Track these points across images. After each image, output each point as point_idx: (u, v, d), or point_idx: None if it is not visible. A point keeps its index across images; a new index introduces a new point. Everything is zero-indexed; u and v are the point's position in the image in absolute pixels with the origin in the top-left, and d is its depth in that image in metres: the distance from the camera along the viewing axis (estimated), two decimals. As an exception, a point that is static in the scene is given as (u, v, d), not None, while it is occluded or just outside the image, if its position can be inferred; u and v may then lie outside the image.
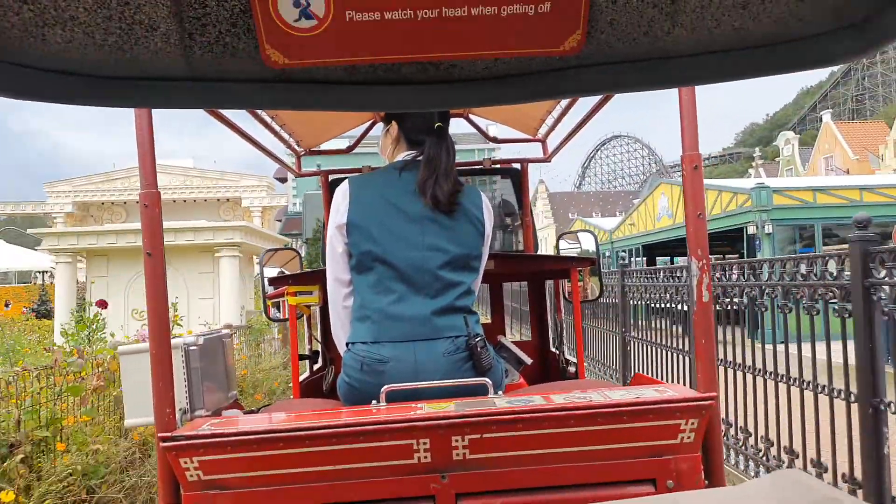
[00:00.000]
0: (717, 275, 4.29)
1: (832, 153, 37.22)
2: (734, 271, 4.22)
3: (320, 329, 2.74)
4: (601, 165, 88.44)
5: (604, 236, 26.30)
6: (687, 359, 4.86)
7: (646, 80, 0.65)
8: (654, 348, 5.68)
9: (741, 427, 4.22)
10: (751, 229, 13.79)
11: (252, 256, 11.21)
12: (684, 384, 5.00)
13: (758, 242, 13.61)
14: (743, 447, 4.22)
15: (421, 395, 1.53)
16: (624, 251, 24.03)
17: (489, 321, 3.04)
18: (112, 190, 25.02)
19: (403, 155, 1.79)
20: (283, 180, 31.46)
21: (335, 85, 0.62)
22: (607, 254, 24.93)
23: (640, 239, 22.38)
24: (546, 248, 33.86)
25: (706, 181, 13.12)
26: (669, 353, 5.21)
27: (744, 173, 53.61)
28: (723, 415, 4.42)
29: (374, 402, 1.50)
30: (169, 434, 1.31)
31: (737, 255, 18.70)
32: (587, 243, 2.99)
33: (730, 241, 18.66)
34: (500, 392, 1.61)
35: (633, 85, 0.65)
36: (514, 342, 2.66)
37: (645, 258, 22.35)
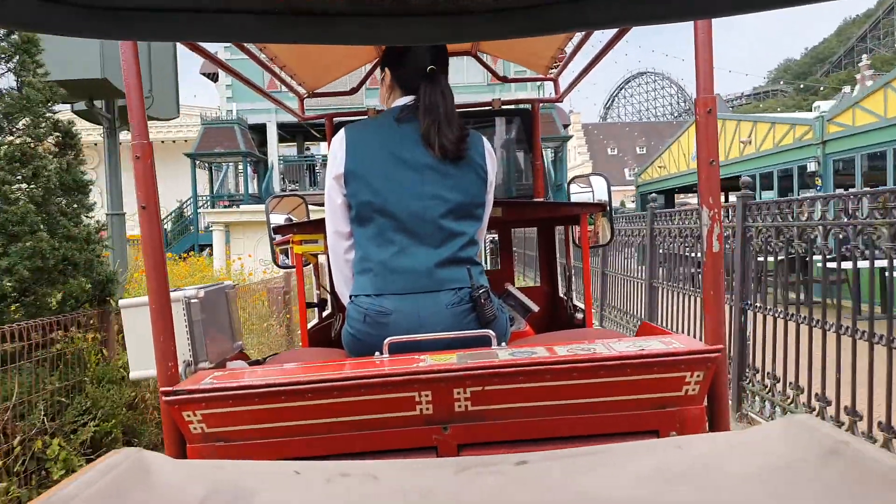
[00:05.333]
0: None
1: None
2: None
3: (328, 277, 2.74)
4: (624, 106, 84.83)
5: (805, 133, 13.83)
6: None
7: (673, 10, 0.57)
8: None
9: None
10: None
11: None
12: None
13: None
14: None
15: (424, 346, 1.52)
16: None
17: (498, 269, 3.02)
18: (80, 129, 23.47)
19: (399, 102, 1.72)
20: (213, 76, 22.38)
21: (338, 17, 0.56)
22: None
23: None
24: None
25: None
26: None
27: (796, 108, 48.19)
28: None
29: (377, 353, 1.49)
30: (171, 388, 1.31)
31: None
32: (599, 187, 2.91)
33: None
34: (503, 343, 1.59)
35: (659, 16, 0.57)
36: (521, 288, 2.64)
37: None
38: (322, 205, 2.22)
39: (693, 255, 5.56)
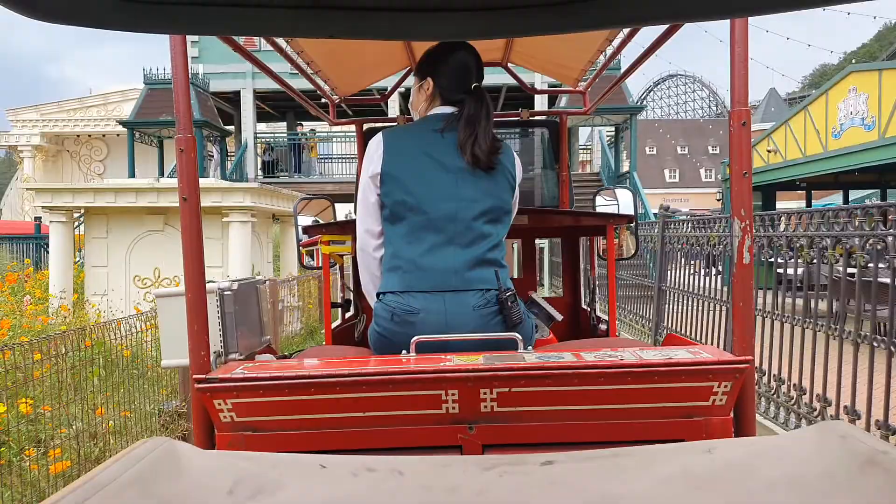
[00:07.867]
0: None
1: None
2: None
3: (352, 278, 2.77)
4: (653, 109, 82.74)
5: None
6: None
7: (706, 7, 0.57)
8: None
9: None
10: None
11: (271, 216, 10.22)
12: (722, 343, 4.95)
13: None
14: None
15: (450, 347, 1.54)
16: None
17: (520, 278, 3.03)
18: (87, 120, 21.16)
19: (437, 111, 1.77)
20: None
21: (371, 12, 0.58)
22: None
23: None
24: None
25: None
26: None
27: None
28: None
29: (403, 351, 1.51)
30: (203, 376, 1.34)
31: None
32: (625, 201, 2.92)
33: None
34: (529, 347, 1.60)
35: (693, 14, 0.56)
36: (546, 298, 2.65)
37: None
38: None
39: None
